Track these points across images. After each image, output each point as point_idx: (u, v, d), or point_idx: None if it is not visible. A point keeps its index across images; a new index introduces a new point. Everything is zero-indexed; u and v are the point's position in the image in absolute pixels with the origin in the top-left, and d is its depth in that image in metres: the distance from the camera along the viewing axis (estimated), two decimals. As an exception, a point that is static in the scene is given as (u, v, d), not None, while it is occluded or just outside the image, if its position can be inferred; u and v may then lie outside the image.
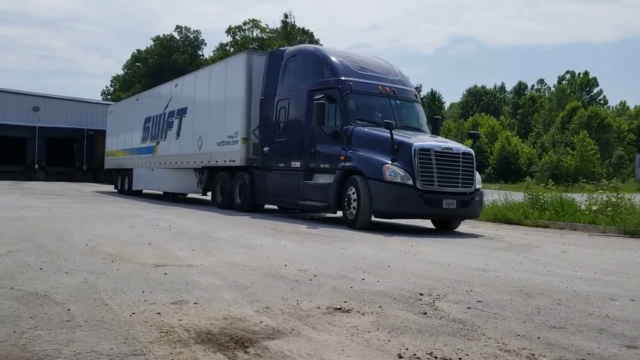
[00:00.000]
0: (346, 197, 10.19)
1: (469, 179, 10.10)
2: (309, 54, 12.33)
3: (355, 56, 12.33)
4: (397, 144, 9.81)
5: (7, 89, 38.43)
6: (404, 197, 9.54)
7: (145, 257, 5.79)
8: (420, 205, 9.60)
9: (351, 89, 10.99)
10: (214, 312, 3.66)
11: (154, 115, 19.39)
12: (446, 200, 9.76)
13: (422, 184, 9.58)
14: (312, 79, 11.65)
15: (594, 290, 4.91)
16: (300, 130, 11.73)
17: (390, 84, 11.61)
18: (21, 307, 3.59)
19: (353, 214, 10.01)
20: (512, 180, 43.13)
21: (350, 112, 10.85)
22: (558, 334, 3.42)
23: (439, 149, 9.84)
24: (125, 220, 10.14)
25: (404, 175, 9.53)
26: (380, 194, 9.62)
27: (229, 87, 14.35)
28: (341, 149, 10.56)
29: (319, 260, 6.07)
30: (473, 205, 10.25)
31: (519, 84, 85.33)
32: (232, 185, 14.00)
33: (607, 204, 12.20)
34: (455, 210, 9.98)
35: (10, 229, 8.01)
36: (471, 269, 5.81)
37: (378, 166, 9.71)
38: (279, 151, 12.33)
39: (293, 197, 11.75)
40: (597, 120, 56.98)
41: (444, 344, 3.15)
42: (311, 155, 11.33)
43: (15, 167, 36.88)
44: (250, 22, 72.20)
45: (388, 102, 11.36)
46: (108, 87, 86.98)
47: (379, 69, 12.01)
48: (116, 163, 23.56)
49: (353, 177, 10.10)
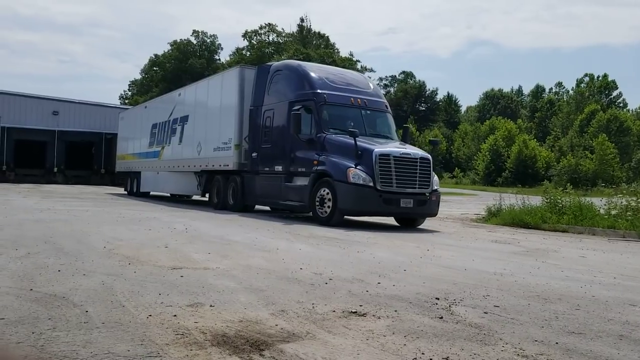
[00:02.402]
0: (319, 197, 11.26)
1: (425, 181, 11.26)
2: (291, 69, 13.40)
3: (333, 71, 13.81)
4: (360, 150, 10.96)
5: (27, 94, 39.00)
6: (365, 197, 10.71)
7: (162, 260, 5.83)
8: (379, 204, 10.79)
9: (325, 100, 12.17)
10: (229, 315, 3.67)
11: (160, 122, 20.55)
12: (404, 199, 10.94)
13: (382, 185, 10.76)
14: (293, 92, 12.76)
15: (613, 295, 4.84)
16: (282, 138, 12.85)
17: (362, 96, 12.74)
18: (40, 309, 3.63)
19: (327, 212, 11.10)
20: (529, 184, 42.64)
21: (324, 122, 12.02)
22: (577, 340, 3.37)
23: (397, 154, 11.04)
24: (142, 223, 10.22)
25: (365, 177, 10.71)
26: (345, 194, 10.79)
27: (224, 97, 15.47)
28: (315, 154, 11.73)
29: (334, 263, 6.07)
30: (430, 205, 11.39)
31: (536, 87, 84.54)
32: (226, 187, 15.11)
33: (626, 208, 12.02)
34: (413, 209, 11.14)
35: (29, 231, 8.13)
36: (488, 274, 5.76)
37: (344, 170, 10.89)
38: (265, 156, 13.49)
39: (276, 198, 12.95)
40: (617, 123, 56.22)
41: (460, 348, 3.12)
42: (291, 160, 12.47)
43: (35, 170, 37.40)
44: (266, 26, 72.59)
45: (359, 112, 12.49)
46: (126, 91, 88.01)
47: (353, 83, 13.22)
48: (126, 166, 24.78)
49: (325, 179, 11.26)
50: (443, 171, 63.47)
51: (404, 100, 78.21)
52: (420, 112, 78.02)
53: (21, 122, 36.75)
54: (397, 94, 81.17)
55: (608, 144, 50.28)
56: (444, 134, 69.13)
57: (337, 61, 57.04)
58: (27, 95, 38.61)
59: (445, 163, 66.00)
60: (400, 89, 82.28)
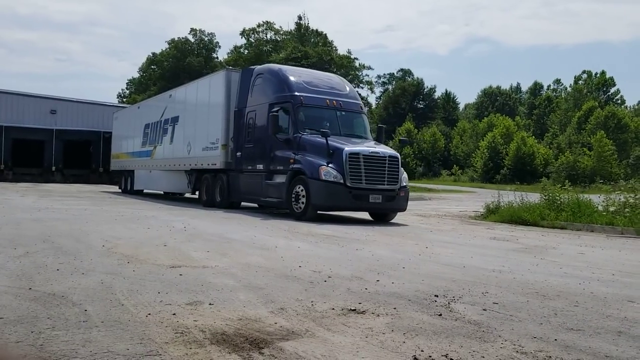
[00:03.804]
0: (294, 193, 11.90)
1: (394, 178, 11.93)
2: (272, 72, 13.98)
3: (312, 75, 14.49)
4: (332, 149, 11.62)
5: (25, 92, 38.87)
6: (336, 193, 11.39)
7: (161, 259, 5.83)
8: (349, 200, 11.47)
9: (302, 102, 12.78)
10: (229, 313, 3.67)
11: (152, 122, 21.19)
12: (373, 195, 11.60)
13: (351, 182, 11.43)
14: (273, 94, 13.37)
15: (611, 292, 4.85)
16: (263, 138, 13.44)
17: (337, 98, 13.38)
18: (39, 308, 3.63)
19: (301, 208, 11.75)
20: (528, 181, 42.61)
21: (301, 122, 12.64)
22: (575, 336, 3.38)
23: (366, 153, 11.72)
24: (141, 221, 10.22)
25: (336, 175, 11.38)
26: (318, 190, 11.43)
27: (212, 99, 16.09)
28: (292, 153, 12.34)
29: (333, 261, 6.07)
30: (398, 200, 12.10)
31: (534, 84, 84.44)
32: (214, 185, 15.72)
33: (624, 205, 12.04)
34: (381, 204, 11.83)
35: (28, 230, 8.12)
36: (487, 271, 5.77)
37: (316, 168, 11.53)
38: (248, 156, 14.09)
39: (257, 195, 13.62)
40: (614, 120, 56.20)
41: (459, 345, 3.13)
42: (270, 159, 13.09)
43: (33, 170, 37.31)
44: (264, 24, 72.48)
45: (334, 113, 13.14)
46: (124, 89, 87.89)
47: (330, 86, 13.84)
48: (120, 165, 25.45)
49: (300, 177, 11.85)
50: (442, 168, 63.54)
51: (402, 97, 78.13)
52: (419, 110, 77.94)
53: (19, 121, 36.64)
54: (395, 92, 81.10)
55: (606, 141, 50.29)
56: (442, 131, 69.09)
57: (334, 59, 56.93)
58: (24, 94, 38.50)
59: (443, 160, 66.02)
60: (398, 86, 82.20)
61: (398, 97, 78.55)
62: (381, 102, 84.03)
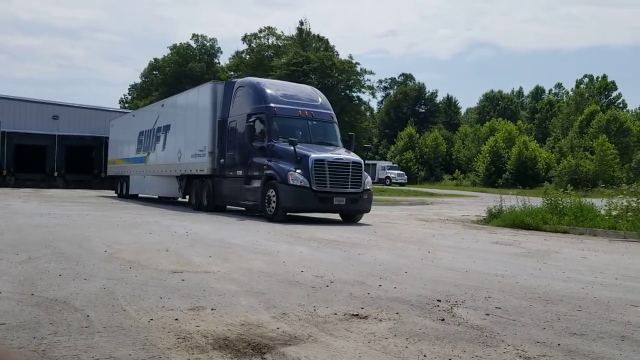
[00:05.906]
0: (267, 197, 12.80)
1: (357, 182, 12.86)
2: (251, 85, 14.89)
3: (287, 87, 15.58)
4: (300, 156, 12.56)
5: (27, 98, 38.94)
6: (303, 196, 12.32)
7: (163, 264, 5.82)
8: (315, 202, 12.47)
9: (275, 113, 13.72)
10: (231, 318, 3.67)
11: (146, 130, 22.16)
12: (337, 198, 12.58)
13: (317, 186, 12.37)
14: (250, 105, 14.31)
15: (615, 296, 4.84)
16: (242, 146, 14.38)
17: (309, 109, 14.32)
18: (41, 313, 3.63)
19: (273, 210, 12.64)
20: (530, 185, 42.53)
21: (274, 132, 13.56)
22: (578, 341, 3.37)
23: (331, 160, 12.67)
24: (143, 227, 10.22)
25: (303, 179, 12.32)
26: (286, 194, 12.36)
27: (199, 109, 16.98)
28: (266, 160, 13.25)
29: (335, 266, 6.06)
30: (362, 202, 13.03)
31: (536, 88, 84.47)
32: (202, 189, 16.59)
33: (627, 209, 12.00)
34: (345, 206, 12.81)
35: (30, 235, 8.12)
36: (489, 275, 5.76)
37: (285, 173, 12.48)
38: (230, 162, 15.02)
39: (237, 199, 14.55)
40: (616, 124, 56.13)
41: (462, 350, 3.12)
42: (248, 166, 14.02)
43: (35, 175, 37.34)
44: (265, 29, 72.57)
45: (306, 123, 14.12)
46: (126, 95, 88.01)
47: (303, 97, 14.80)
48: (116, 170, 26.39)
49: (272, 181, 12.77)
50: (443, 173, 63.49)
51: (403, 102, 78.17)
52: (420, 114, 77.94)
53: (21, 126, 36.71)
54: (396, 96, 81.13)
55: (608, 145, 50.23)
56: (443, 135, 69.06)
57: (336, 64, 56.92)
58: (27, 100, 38.57)
59: (445, 165, 65.97)
60: (400, 91, 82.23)
61: (400, 101, 78.57)
62: (383, 107, 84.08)
